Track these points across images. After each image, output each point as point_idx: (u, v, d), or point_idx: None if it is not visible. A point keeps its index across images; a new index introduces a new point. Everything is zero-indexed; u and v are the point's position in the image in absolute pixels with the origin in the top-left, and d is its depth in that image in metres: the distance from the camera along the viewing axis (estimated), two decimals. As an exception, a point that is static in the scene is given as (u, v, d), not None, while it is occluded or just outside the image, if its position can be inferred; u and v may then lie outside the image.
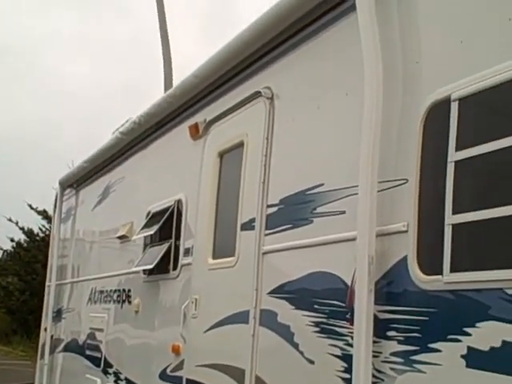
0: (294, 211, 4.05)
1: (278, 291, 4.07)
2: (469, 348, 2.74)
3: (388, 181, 3.31)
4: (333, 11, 3.95)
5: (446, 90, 3.04)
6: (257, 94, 4.56)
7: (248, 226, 4.46)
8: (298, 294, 3.90)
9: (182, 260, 5.46)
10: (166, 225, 5.86)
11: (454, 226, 2.89)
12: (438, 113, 3.09)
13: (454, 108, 2.98)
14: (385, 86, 3.37)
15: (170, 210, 5.84)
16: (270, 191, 4.34)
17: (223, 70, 5.08)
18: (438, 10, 3.30)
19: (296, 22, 4.26)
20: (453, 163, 2.93)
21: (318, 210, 3.83)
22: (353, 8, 3.67)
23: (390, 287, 3.22)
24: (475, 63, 2.96)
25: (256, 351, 4.17)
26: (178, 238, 5.65)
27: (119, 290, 6.91)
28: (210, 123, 5.26)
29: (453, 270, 2.86)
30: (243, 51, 4.76)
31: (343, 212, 3.62)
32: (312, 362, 3.69)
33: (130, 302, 6.53)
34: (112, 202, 7.76)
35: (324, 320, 3.62)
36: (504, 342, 2.61)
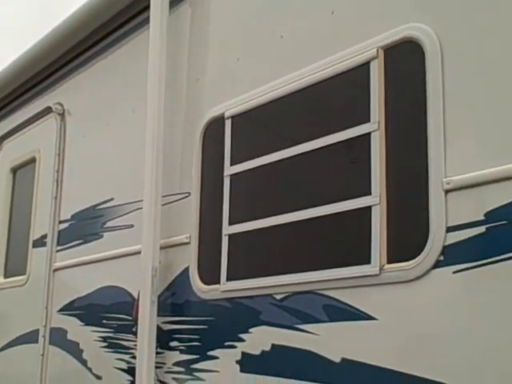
0: (85, 226, 4.04)
1: (68, 308, 4.03)
2: (243, 353, 2.85)
3: (172, 194, 3.39)
4: (120, 29, 4.00)
5: (221, 108, 3.16)
6: (48, 110, 4.51)
7: (40, 242, 4.39)
8: (87, 310, 3.88)
9: (-26, 282, 5.25)
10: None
11: (230, 237, 3.01)
12: (214, 130, 3.20)
13: (228, 125, 3.10)
14: (167, 103, 3.45)
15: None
16: (62, 207, 4.30)
17: (13, 85, 4.97)
18: (220, 28, 3.38)
19: (86, 39, 4.25)
20: (228, 177, 3.06)
21: (108, 224, 3.85)
22: (140, 26, 3.74)
23: (173, 298, 3.29)
24: (247, 82, 3.09)
25: (46, 371, 4.10)
26: (-31, 258, 5.43)
27: None
28: (1, 139, 5.13)
29: (229, 278, 2.97)
30: (34, 66, 4.68)
31: (131, 226, 3.66)
32: (100, 378, 3.68)
33: None
34: None
35: (111, 334, 3.63)
36: (273, 346, 2.74)
